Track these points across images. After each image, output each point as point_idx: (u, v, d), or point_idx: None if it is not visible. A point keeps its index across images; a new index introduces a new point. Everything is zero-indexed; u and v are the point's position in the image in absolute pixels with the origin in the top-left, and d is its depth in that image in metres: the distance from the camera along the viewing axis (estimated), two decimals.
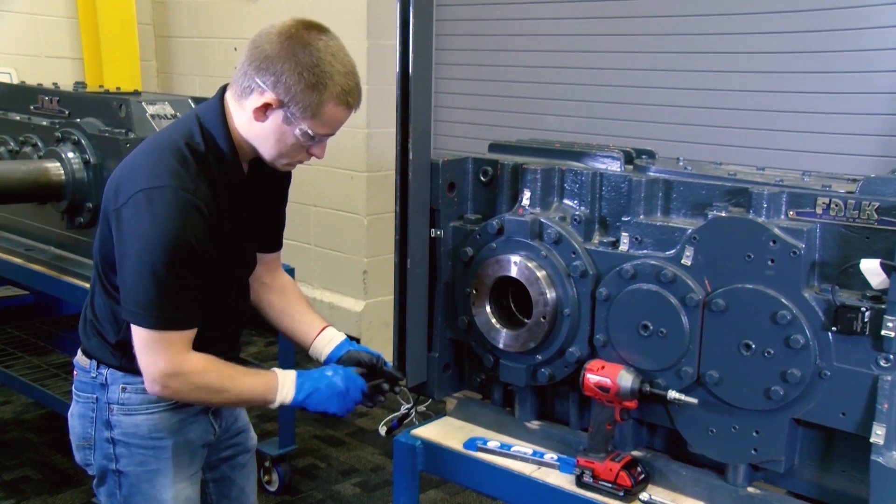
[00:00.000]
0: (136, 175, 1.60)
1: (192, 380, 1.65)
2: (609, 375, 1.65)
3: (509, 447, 1.83)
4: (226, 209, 1.66)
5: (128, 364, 1.73)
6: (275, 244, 1.96)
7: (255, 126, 1.65)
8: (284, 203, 1.93)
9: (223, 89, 1.71)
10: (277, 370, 1.76)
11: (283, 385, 1.73)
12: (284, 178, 1.88)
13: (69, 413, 1.84)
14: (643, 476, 1.68)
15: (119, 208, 1.59)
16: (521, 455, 1.81)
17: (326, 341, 1.93)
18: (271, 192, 1.86)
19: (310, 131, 1.63)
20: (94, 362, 1.77)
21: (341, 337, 1.94)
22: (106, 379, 1.76)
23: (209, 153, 1.65)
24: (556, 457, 1.79)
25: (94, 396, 1.77)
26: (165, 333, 1.61)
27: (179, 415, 1.79)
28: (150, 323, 1.60)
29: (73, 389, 1.83)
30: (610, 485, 1.66)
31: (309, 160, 1.73)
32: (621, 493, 1.65)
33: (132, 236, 1.57)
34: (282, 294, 1.98)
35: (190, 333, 1.65)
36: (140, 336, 1.62)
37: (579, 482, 1.70)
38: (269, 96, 1.59)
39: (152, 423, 1.76)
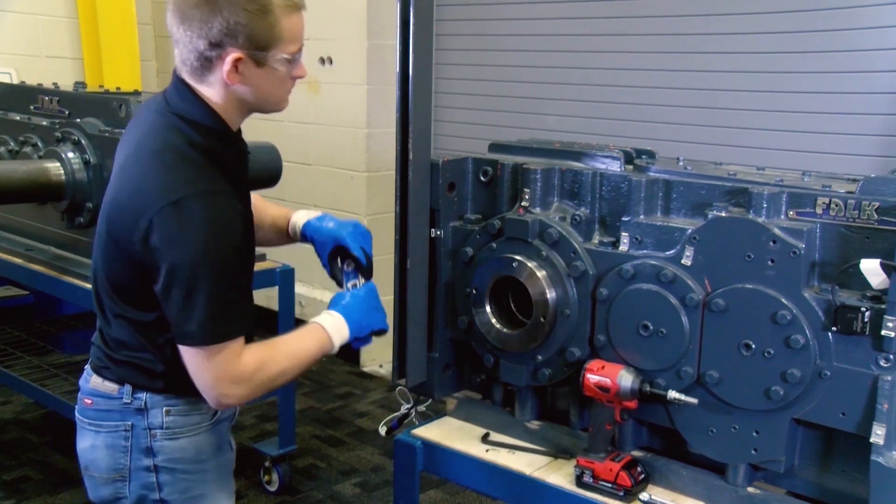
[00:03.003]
0: (148, 194, 1.49)
1: (255, 380, 1.58)
2: (609, 375, 1.65)
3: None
4: (242, 193, 1.59)
5: (172, 386, 1.65)
6: None
7: (235, 90, 1.56)
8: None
9: (176, 73, 1.60)
10: (318, 320, 1.70)
11: (335, 332, 1.69)
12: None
13: (86, 446, 1.71)
14: (643, 476, 1.68)
15: (146, 235, 1.49)
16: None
17: (300, 217, 1.91)
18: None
19: (285, 56, 1.55)
20: (128, 387, 1.66)
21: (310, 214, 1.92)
22: (145, 403, 1.66)
23: (209, 141, 1.57)
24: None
25: (128, 423, 1.66)
26: (224, 345, 1.52)
27: (215, 435, 1.74)
28: (209, 339, 1.51)
29: (88, 420, 1.70)
30: (610, 485, 1.66)
31: (294, 85, 1.64)
32: (621, 493, 1.65)
33: (173, 259, 1.47)
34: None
35: (243, 339, 1.57)
36: (195, 356, 1.53)
37: (579, 482, 1.70)
38: (233, 53, 1.51)
39: (196, 446, 1.70)
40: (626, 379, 1.64)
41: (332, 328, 1.70)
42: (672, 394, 1.62)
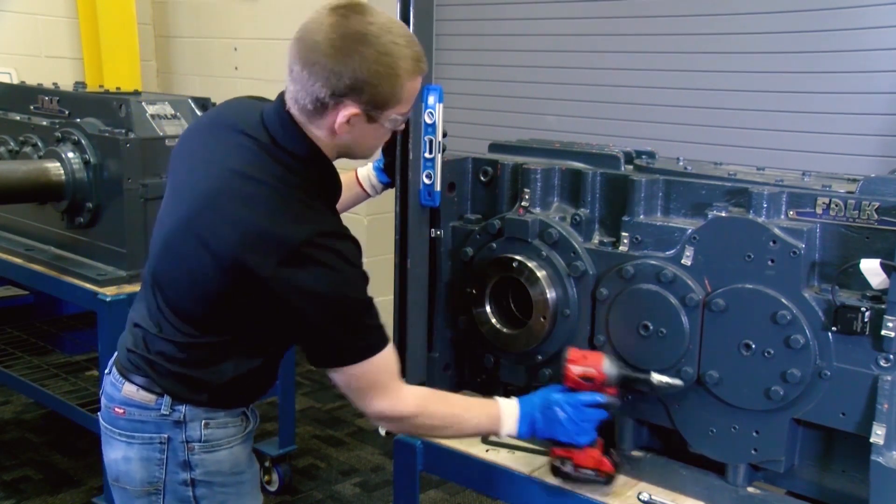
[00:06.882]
0: (274, 231, 1.47)
1: (414, 422, 1.62)
2: (593, 365, 1.63)
3: None
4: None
5: (216, 399, 1.63)
6: None
7: (341, 138, 1.55)
8: None
9: (282, 103, 1.57)
10: (500, 400, 1.67)
11: (507, 420, 1.65)
12: None
13: (117, 458, 1.66)
14: (617, 462, 1.67)
15: (277, 268, 1.45)
16: None
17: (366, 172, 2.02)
18: None
19: (398, 117, 1.56)
20: (167, 399, 1.61)
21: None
22: (184, 416, 1.61)
23: (317, 178, 1.59)
24: None
25: (165, 436, 1.62)
26: (374, 360, 1.54)
27: (249, 446, 1.73)
28: (358, 356, 1.53)
29: (118, 430, 1.65)
30: (593, 472, 1.65)
31: (389, 137, 1.67)
32: (603, 480, 1.64)
33: (310, 294, 1.48)
34: None
35: (394, 357, 1.59)
36: (349, 375, 1.55)
37: (558, 472, 1.67)
38: (351, 109, 1.49)
39: (233, 458, 1.68)
40: (611, 366, 1.63)
41: (508, 418, 1.65)
42: (655, 376, 1.61)
